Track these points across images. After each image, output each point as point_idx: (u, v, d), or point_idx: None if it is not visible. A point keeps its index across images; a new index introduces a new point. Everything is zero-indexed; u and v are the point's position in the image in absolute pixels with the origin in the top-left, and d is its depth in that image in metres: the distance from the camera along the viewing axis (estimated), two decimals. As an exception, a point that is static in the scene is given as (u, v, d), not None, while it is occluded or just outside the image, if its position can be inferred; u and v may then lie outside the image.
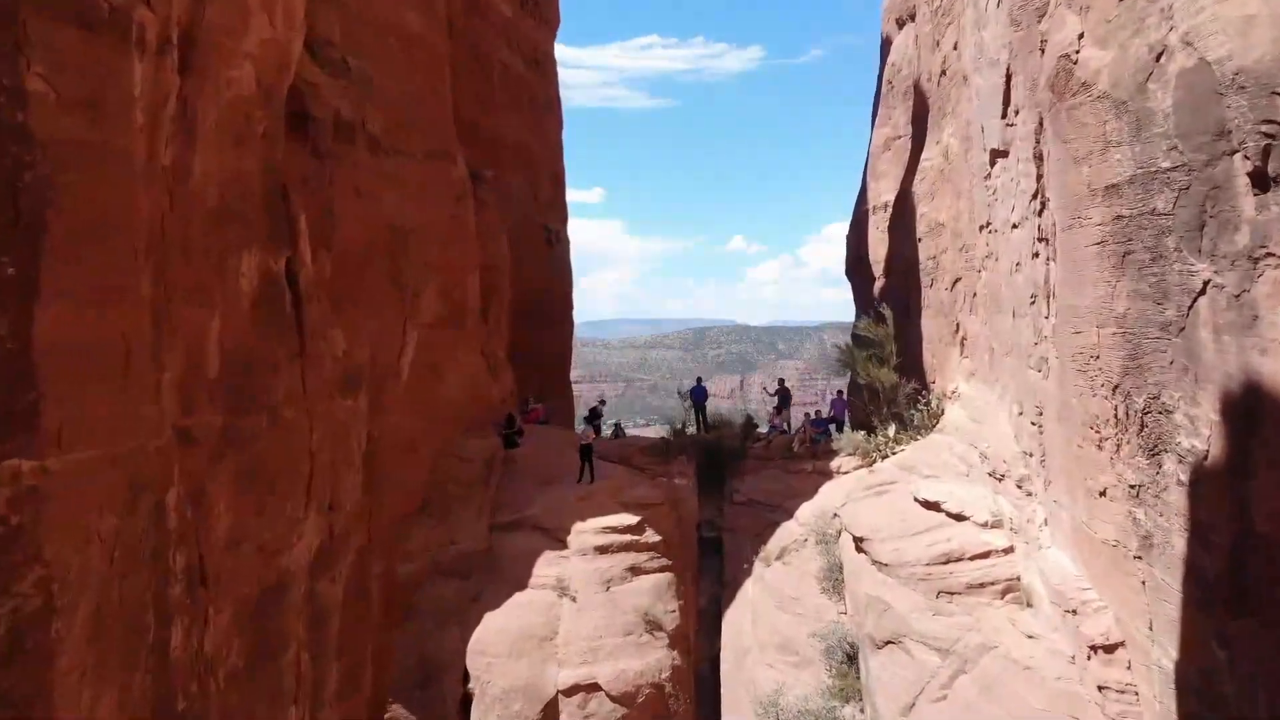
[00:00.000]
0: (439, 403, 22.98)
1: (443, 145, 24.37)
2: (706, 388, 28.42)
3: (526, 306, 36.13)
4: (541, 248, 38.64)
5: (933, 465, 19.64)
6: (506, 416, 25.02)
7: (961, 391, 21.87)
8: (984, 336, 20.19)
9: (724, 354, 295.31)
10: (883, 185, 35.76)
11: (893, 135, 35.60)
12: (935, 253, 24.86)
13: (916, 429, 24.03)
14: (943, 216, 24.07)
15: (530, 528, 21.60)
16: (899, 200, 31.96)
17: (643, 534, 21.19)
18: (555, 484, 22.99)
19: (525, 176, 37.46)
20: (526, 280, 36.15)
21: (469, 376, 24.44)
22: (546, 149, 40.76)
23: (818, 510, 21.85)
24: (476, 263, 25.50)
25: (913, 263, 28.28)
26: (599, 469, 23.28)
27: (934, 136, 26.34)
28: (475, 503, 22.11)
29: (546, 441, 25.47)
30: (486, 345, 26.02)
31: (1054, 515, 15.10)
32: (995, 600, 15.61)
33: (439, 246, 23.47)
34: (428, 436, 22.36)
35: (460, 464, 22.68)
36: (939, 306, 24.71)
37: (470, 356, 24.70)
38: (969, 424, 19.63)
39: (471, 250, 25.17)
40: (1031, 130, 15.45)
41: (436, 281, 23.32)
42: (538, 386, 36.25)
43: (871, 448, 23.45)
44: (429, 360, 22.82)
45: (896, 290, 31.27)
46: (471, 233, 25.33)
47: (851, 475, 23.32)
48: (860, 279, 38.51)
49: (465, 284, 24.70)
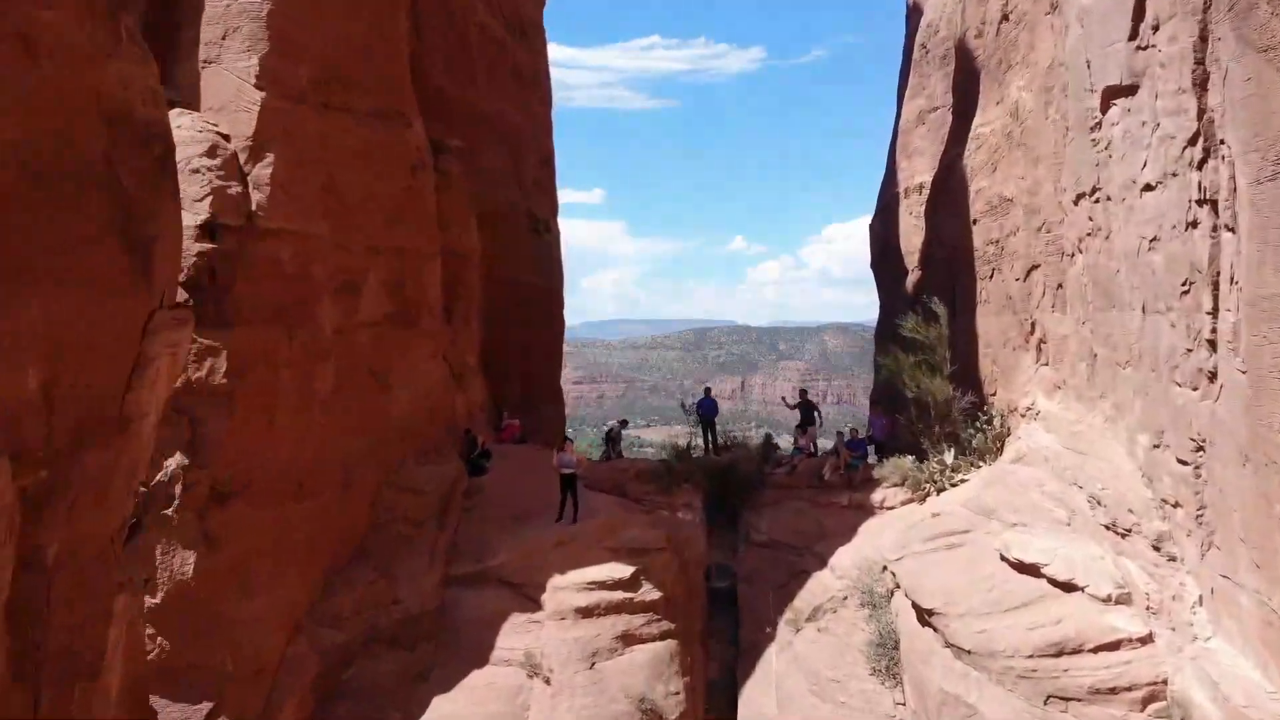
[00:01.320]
0: (384, 420, 18.40)
1: (394, 104, 19.76)
2: (716, 400, 23.84)
3: (508, 304, 31.53)
4: (526, 237, 33.99)
5: (1017, 508, 15.04)
6: (467, 437, 20.41)
7: (1042, 409, 17.28)
8: (1079, 339, 15.60)
9: (725, 355, 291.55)
10: (916, 164, 31.15)
11: (927, 107, 30.99)
12: (998, 235, 20.26)
13: (976, 453, 19.46)
14: (1010, 190, 19.48)
15: (496, 582, 17.03)
16: (939, 179, 27.35)
17: (638, 589, 16.63)
18: (530, 522, 18.40)
19: (507, 155, 32.83)
20: (508, 273, 31.58)
21: (425, 387, 19.85)
22: (533, 127, 36.10)
23: (860, 559, 17.26)
24: (436, 249, 20.91)
25: (961, 250, 23.70)
26: (586, 501, 18.70)
27: (992, 96, 21.75)
28: (427, 548, 17.52)
29: (522, 466, 20.88)
30: (450, 349, 21.44)
31: (1225, 596, 10.53)
32: (1132, 713, 11.06)
33: (385, 226, 18.90)
34: (367, 463, 17.78)
35: (410, 498, 18.09)
36: (1002, 301, 20.12)
37: (427, 362, 20.11)
38: (1064, 454, 15.04)
39: (429, 233, 20.58)
40: (1188, 47, 10.88)
41: (382, 269, 18.75)
42: (520, 396, 31.70)
43: (924, 477, 18.87)
44: (371, 366, 18.24)
45: (936, 283, 26.65)
46: (431, 212, 20.75)
47: (898, 512, 18.74)
48: (888, 273, 33.88)
49: (422, 274, 20.12)
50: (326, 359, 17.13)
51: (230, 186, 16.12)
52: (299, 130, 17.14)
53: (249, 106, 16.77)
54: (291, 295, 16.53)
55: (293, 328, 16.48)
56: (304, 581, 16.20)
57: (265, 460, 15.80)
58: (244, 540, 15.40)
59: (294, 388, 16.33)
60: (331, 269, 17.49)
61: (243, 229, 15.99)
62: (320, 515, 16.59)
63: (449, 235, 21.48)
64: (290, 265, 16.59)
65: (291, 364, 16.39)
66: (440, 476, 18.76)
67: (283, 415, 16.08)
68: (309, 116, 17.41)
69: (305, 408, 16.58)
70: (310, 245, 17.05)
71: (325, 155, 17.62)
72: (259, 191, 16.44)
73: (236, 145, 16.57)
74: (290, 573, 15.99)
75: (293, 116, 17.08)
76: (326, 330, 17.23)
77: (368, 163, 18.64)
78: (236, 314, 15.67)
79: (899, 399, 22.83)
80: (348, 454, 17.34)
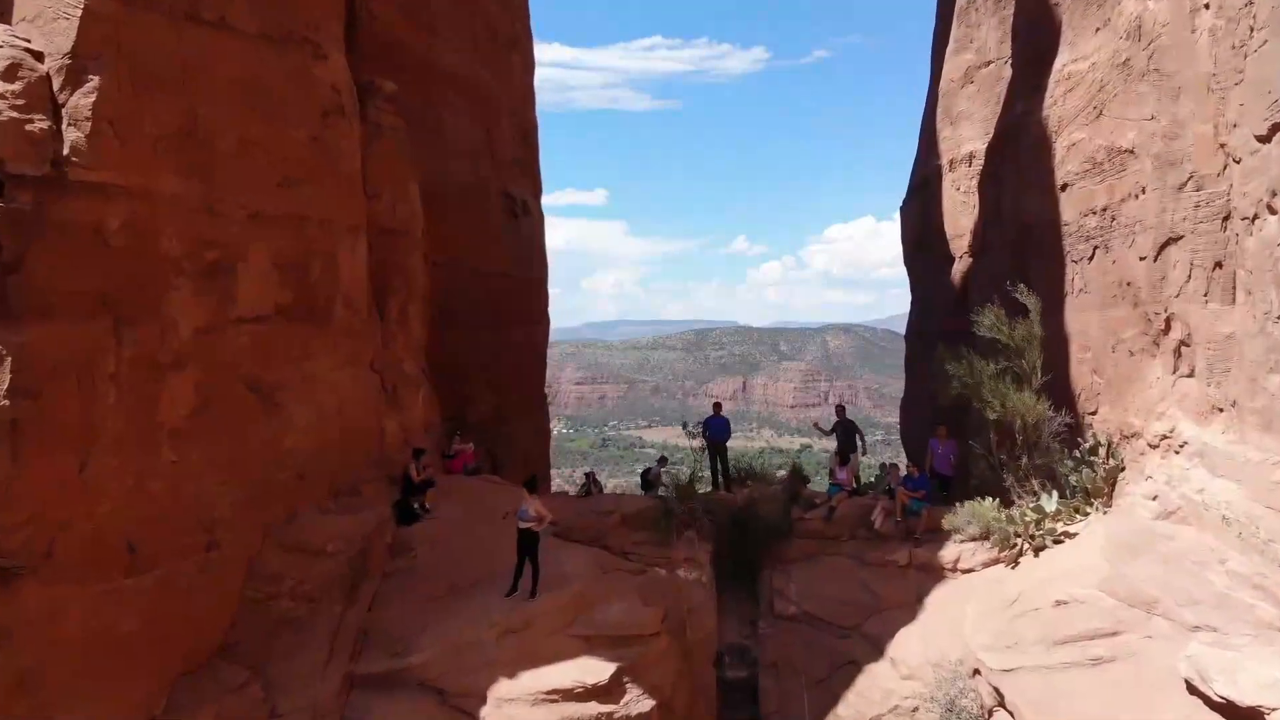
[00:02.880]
0: (271, 453, 13.35)
1: (300, 25, 14.68)
2: (728, 419, 18.60)
3: (476, 298, 26.56)
4: (500, 219, 28.96)
5: (1192, 599, 9.95)
6: (404, 478, 15.34)
7: (1192, 440, 12.20)
8: (1263, 342, 10.53)
9: (726, 355, 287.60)
10: (963, 131, 26.09)
11: (976, 63, 25.94)
12: (1105, 202, 15.19)
13: (1079, 494, 14.43)
14: (1127, 138, 14.41)
15: (416, 686, 11.94)
16: (998, 144, 22.29)
17: (620, 699, 11.65)
18: (474, 595, 13.32)
19: (477, 123, 27.78)
20: (476, 261, 26.60)
21: (337, 405, 14.79)
22: (510, 93, 31.02)
23: (934, 651, 12.19)
24: (360, 222, 15.88)
25: (1037, 227, 18.65)
26: (553, 561, 13.63)
27: (1087, 24, 16.65)
28: (324, 636, 12.43)
29: (473, 508, 15.80)
30: (381, 354, 16.39)
31: None
32: None
33: (280, 188, 13.90)
34: (243, 515, 12.73)
35: (305, 562, 13.01)
36: (1112, 290, 15.05)
37: (341, 371, 15.04)
38: (1256, 513, 9.96)
39: (349, 201, 15.55)
40: None
41: (274, 245, 13.73)
42: (492, 410, 26.64)
43: (1014, 529, 13.76)
44: (252, 379, 13.21)
45: (995, 271, 21.61)
46: (351, 174, 15.72)
47: (981, 578, 13.67)
48: (927, 262, 28.82)
49: (335, 254, 15.07)
50: (181, 370, 12.07)
51: (30, 120, 11.08)
52: (143, 47, 12.09)
53: (69, 11, 11.76)
54: (123, 278, 11.47)
55: (124, 325, 11.43)
56: (136, 691, 11.16)
57: (75, 518, 10.75)
58: (39, 635, 10.44)
59: (124, 412, 11.28)
60: (192, 243, 12.44)
61: (46, 182, 10.97)
62: (164, 593, 11.54)
63: (379, 206, 16.45)
64: (121, 236, 11.52)
65: (121, 377, 11.32)
66: (352, 530, 13.68)
67: (103, 453, 11.02)
68: (160, 29, 12.35)
69: (144, 440, 11.53)
70: (156, 208, 11.99)
71: (186, 85, 12.58)
72: (76, 129, 11.38)
73: (50, 66, 11.54)
74: (114, 680, 10.97)
75: (133, 27, 12.02)
76: (182, 329, 12.18)
77: (254, 100, 13.63)
78: (30, 304, 10.65)
79: (951, 416, 17.77)
80: (212, 504, 12.30)
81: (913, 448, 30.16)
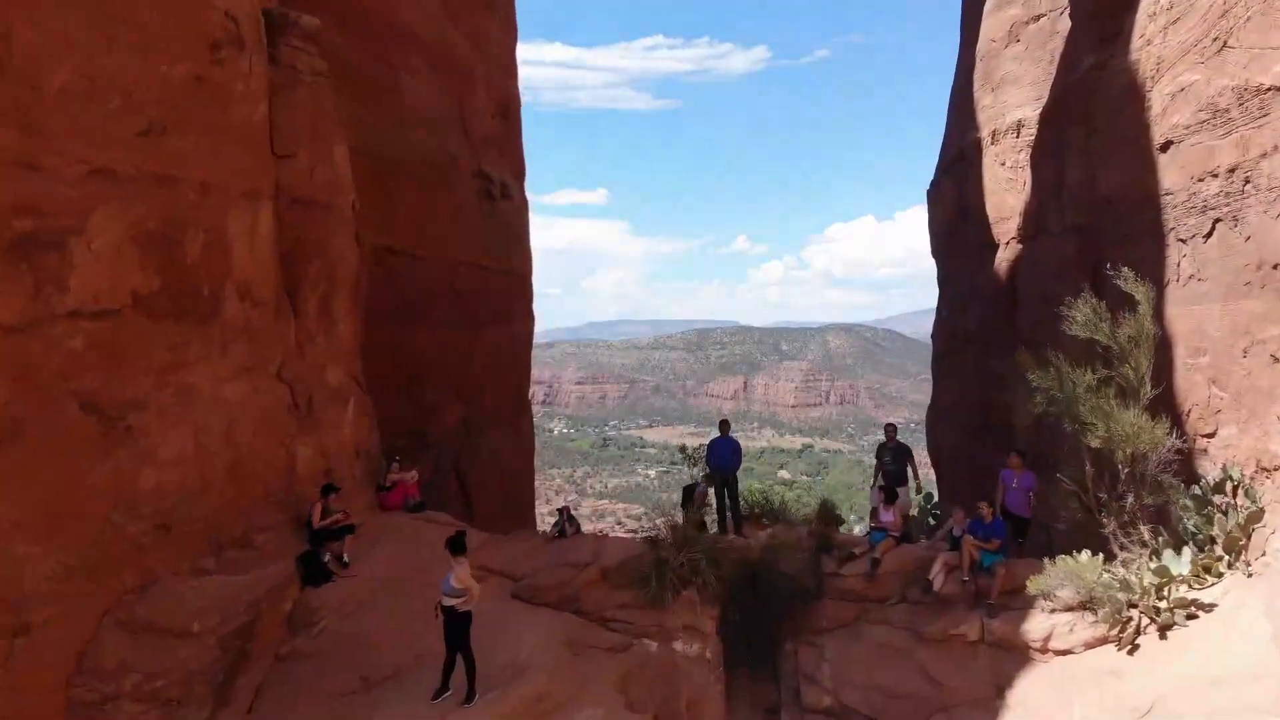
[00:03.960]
0: (121, 497, 9.78)
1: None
2: (737, 441, 14.41)
3: (445, 290, 22.98)
4: (474, 202, 25.36)
5: None
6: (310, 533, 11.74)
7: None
8: None
9: (727, 355, 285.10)
10: (1008, 96, 22.48)
11: (1024, 17, 22.34)
12: (1234, 159, 11.58)
13: (1207, 545, 10.87)
14: (1271, 74, 10.82)
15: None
16: (1057, 108, 18.71)
17: None
18: (392, 690, 9.73)
19: (446, 93, 24.20)
20: (445, 249, 23.03)
21: (227, 427, 11.22)
22: (486, 61, 27.42)
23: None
24: (264, 188, 12.29)
25: (1119, 202, 15.08)
26: (505, 639, 10.07)
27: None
28: (176, 757, 8.87)
29: (407, 559, 12.18)
30: (295, 359, 12.80)
31: None
32: None
33: (142, 139, 10.34)
34: (71, 585, 9.17)
35: (159, 647, 9.43)
36: (1246, 274, 11.44)
37: (236, 383, 11.46)
38: None
39: (247, 160, 11.96)
40: None
41: (130, 214, 10.17)
42: (457, 423, 23.05)
43: (1131, 595, 10.17)
44: (90, 396, 9.64)
45: (1057, 258, 18.07)
46: (251, 127, 12.14)
47: (1085, 664, 10.07)
48: (962, 251, 25.21)
49: (224, 228, 11.49)
50: (-30, 385, 8.55)
51: None
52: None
53: None
54: None
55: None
56: None
57: None
58: None
59: None
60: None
61: None
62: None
63: (292, 170, 12.84)
64: None
65: None
66: (232, 598, 10.08)
67: None
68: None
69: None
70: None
71: (-9, -8, 9.06)
72: None
73: None
74: None
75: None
76: (-24, 327, 8.66)
77: (105, 22, 10.08)
78: None
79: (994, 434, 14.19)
80: (21, 574, 8.75)
81: (944, 462, 26.64)
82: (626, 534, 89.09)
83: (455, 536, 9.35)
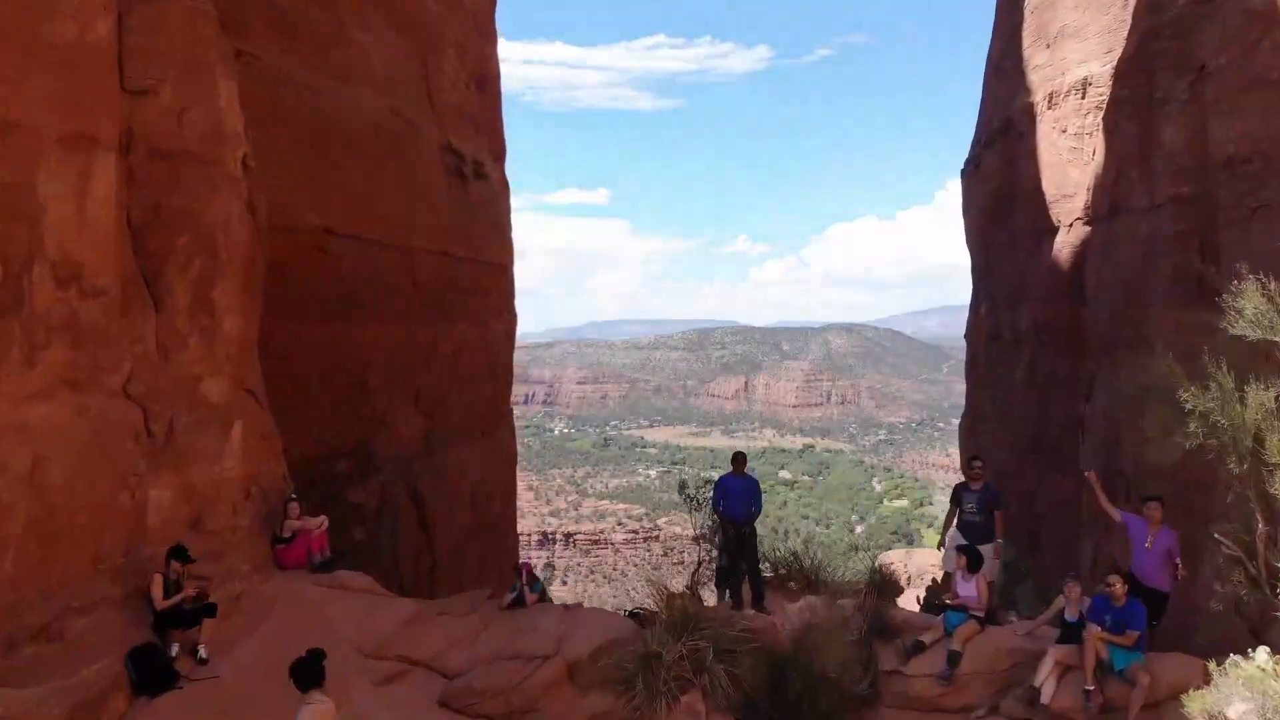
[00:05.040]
0: None
1: None
2: (756, 479, 10.47)
3: (401, 281, 19.53)
4: (440, 180, 21.88)
5: None
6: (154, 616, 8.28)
7: None
8: None
9: (728, 355, 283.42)
10: (1068, 51, 19.00)
11: (1087, -41, 18.87)
12: None
13: None
14: None
15: None
16: (1154, 46, 15.23)
17: None
18: None
19: (406, 52, 20.73)
20: (401, 232, 19.54)
21: (32, 467, 7.79)
22: (459, 21, 23.98)
23: None
24: (104, 134, 8.83)
25: (1248, 158, 11.65)
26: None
27: None
28: None
29: (294, 647, 8.74)
30: (154, 367, 9.36)
31: None
32: None
33: None
34: None
35: None
36: None
37: (52, 402, 8.03)
38: None
39: (75, 92, 8.52)
40: None
41: None
42: (420, 434, 19.60)
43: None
44: None
45: (1146, 238, 14.65)
46: (82, 47, 8.68)
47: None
48: (1007, 237, 21.73)
49: (34, 188, 8.06)
50: None
51: None
52: None
53: None
54: None
55: None
56: None
57: None
58: None
59: None
60: None
61: None
62: None
63: (152, 110, 9.38)
64: None
65: None
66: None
67: None
68: None
69: None
70: None
71: None
72: None
73: None
74: None
75: None
76: None
77: None
78: None
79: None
80: None
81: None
82: (626, 536, 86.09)
83: (307, 660, 5.97)
